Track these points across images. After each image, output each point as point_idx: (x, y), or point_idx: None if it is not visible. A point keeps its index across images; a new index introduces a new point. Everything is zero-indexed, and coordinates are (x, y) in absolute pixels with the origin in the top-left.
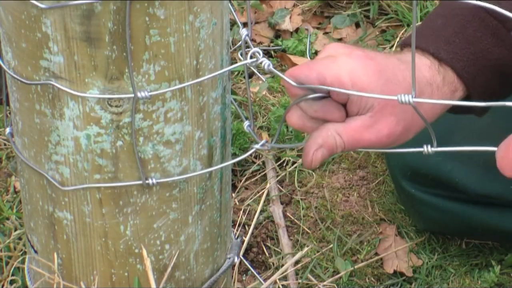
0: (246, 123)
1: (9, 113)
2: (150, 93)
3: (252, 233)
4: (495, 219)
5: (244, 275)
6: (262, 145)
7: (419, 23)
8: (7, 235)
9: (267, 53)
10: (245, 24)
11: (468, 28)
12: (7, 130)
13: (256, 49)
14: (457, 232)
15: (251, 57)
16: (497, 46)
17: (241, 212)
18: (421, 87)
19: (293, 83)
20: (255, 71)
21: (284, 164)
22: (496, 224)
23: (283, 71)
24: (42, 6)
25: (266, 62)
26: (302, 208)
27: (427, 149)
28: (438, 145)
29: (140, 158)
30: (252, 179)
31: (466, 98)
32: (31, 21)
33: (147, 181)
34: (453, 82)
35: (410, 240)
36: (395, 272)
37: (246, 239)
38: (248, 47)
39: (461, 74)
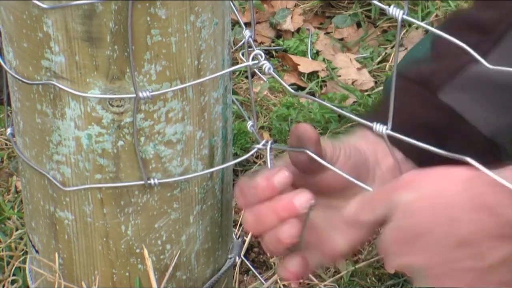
0: (249, 123)
1: (10, 113)
2: (152, 93)
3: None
4: None
5: (245, 275)
6: (264, 145)
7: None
8: (8, 235)
9: (268, 53)
10: (247, 24)
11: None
12: (8, 130)
13: (258, 51)
14: None
15: (253, 59)
16: (423, 107)
17: (242, 212)
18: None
19: (290, 89)
20: (257, 71)
21: None
22: None
23: (284, 71)
24: (45, 6)
25: (267, 65)
26: None
27: None
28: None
29: (142, 158)
30: None
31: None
32: (32, 21)
33: (149, 181)
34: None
35: None
36: (396, 272)
37: (247, 239)
38: (250, 47)
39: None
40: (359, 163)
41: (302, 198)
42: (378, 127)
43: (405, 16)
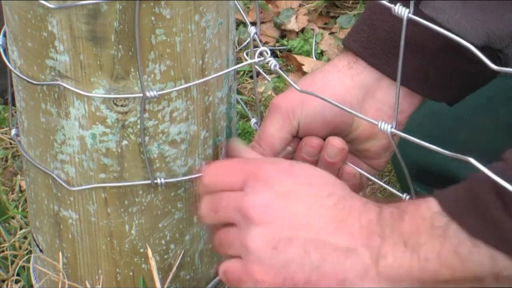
0: (253, 120)
1: (15, 112)
2: (159, 93)
3: None
4: None
5: None
6: None
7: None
8: (13, 234)
9: (272, 53)
10: (251, 24)
11: (375, 13)
12: (13, 131)
13: (264, 48)
14: None
15: (258, 56)
16: (408, 26)
17: None
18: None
19: (296, 87)
20: (261, 71)
21: None
22: None
23: (288, 71)
24: (51, 6)
25: (272, 62)
26: None
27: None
28: (442, 142)
29: (148, 158)
30: None
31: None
32: (37, 20)
33: (155, 181)
34: (367, 76)
35: None
36: None
37: None
38: (256, 46)
39: (369, 61)
40: (334, 116)
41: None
42: (383, 125)
43: (410, 15)
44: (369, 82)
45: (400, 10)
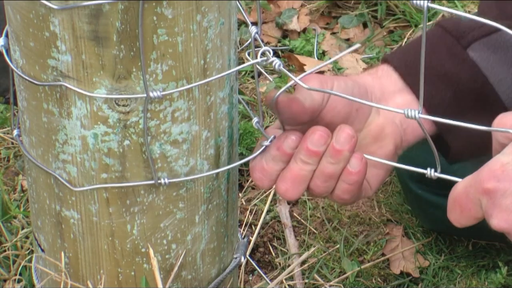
0: (254, 119)
1: (17, 112)
2: (162, 93)
3: (259, 233)
4: None
5: (251, 275)
6: (271, 141)
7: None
8: (14, 233)
9: (274, 53)
10: (253, 24)
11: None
12: (15, 132)
13: (267, 48)
14: (464, 233)
15: (261, 56)
16: (451, 60)
17: (248, 212)
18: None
19: (303, 84)
20: (263, 71)
21: None
22: None
23: (290, 71)
24: (55, 7)
25: (276, 62)
26: (309, 208)
27: (430, 173)
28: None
29: (152, 158)
30: None
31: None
32: (39, 20)
33: (159, 181)
34: (409, 101)
35: (417, 241)
36: (401, 272)
37: (253, 239)
38: (257, 46)
39: (405, 78)
40: (357, 95)
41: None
42: (410, 112)
43: (430, 4)
44: (392, 88)
45: (420, 2)
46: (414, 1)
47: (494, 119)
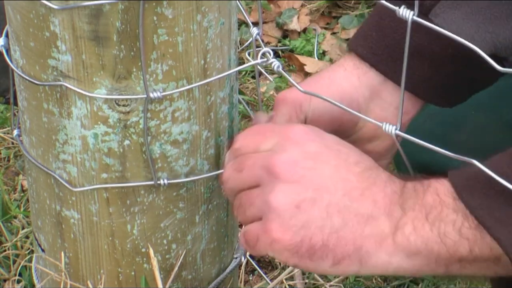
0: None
1: (17, 111)
2: (162, 94)
3: None
4: None
5: (251, 275)
6: None
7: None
8: (15, 233)
9: (274, 53)
10: (253, 24)
11: (384, 19)
12: (15, 132)
13: (267, 49)
14: None
15: (261, 57)
16: (417, 34)
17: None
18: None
19: (300, 88)
20: (263, 71)
21: None
22: None
23: (290, 71)
24: (55, 6)
25: (276, 64)
26: None
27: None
28: (444, 142)
29: (152, 158)
30: None
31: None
32: (39, 20)
33: (159, 182)
34: (373, 77)
35: None
36: None
37: None
38: (258, 46)
39: (377, 67)
40: (342, 113)
41: None
42: (388, 127)
43: (415, 17)
44: (375, 82)
45: (405, 13)
46: (400, 12)
47: (483, 73)
